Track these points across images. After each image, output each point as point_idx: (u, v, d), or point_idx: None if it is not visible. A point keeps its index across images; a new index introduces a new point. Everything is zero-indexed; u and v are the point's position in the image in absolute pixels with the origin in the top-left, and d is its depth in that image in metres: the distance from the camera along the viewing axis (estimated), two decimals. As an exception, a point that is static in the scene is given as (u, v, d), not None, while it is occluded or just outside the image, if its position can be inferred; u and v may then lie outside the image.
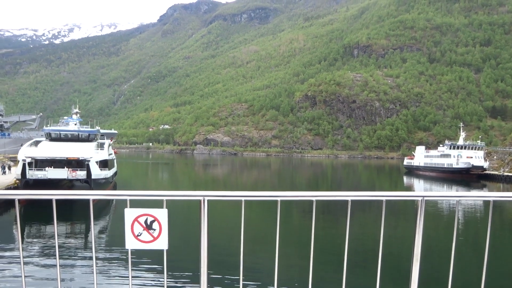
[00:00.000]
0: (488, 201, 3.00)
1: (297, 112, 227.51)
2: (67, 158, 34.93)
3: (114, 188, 43.06)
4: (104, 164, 38.61)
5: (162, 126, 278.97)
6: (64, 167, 33.83)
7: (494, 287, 11.53)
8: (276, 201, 2.95)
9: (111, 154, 46.09)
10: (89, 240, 22.00)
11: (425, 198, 2.98)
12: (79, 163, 34.78)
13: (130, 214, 2.75)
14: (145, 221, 2.77)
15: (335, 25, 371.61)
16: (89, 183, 33.42)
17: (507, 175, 64.14)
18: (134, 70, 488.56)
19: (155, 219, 2.77)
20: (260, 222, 27.07)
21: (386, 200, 3.08)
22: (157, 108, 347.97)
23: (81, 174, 33.74)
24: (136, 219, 2.75)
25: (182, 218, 26.05)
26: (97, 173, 34.71)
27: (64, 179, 33.45)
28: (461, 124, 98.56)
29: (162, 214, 2.78)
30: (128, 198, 2.78)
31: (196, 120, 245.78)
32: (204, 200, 2.83)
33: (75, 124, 44.22)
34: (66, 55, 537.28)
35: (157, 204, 2.89)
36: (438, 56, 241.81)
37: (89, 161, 33.82)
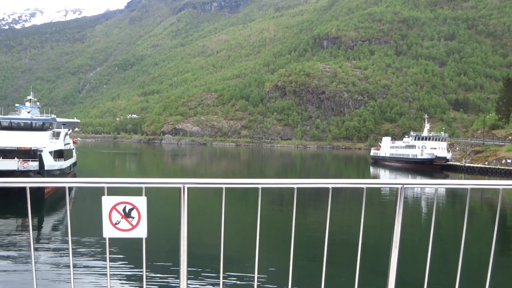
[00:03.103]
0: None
1: (266, 103, 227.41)
2: (17, 148, 32.79)
3: None
4: (59, 154, 36.49)
5: (130, 115, 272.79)
6: (14, 158, 31.67)
7: (471, 273, 11.53)
8: (257, 188, 2.93)
9: (69, 143, 43.76)
10: (46, 232, 21.14)
11: (405, 186, 3.02)
12: (32, 153, 32.69)
13: (107, 202, 2.70)
14: (124, 209, 2.72)
15: (305, 16, 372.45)
16: (42, 174, 31.38)
17: (468, 166, 66.01)
18: (101, 57, 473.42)
19: (134, 207, 2.72)
20: (241, 210, 26.76)
21: (367, 188, 3.08)
22: (125, 97, 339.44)
23: (33, 165, 31.58)
24: (114, 207, 2.70)
25: (162, 206, 25.26)
26: (50, 164, 32.67)
27: (15, 171, 31.27)
28: (426, 116, 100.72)
29: (141, 202, 2.74)
30: (106, 185, 2.73)
31: (164, 110, 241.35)
32: (184, 188, 2.78)
33: (28, 112, 41.59)
34: (28, 41, 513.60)
35: (135, 192, 2.84)
36: (404, 49, 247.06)
37: (41, 151, 31.75)
